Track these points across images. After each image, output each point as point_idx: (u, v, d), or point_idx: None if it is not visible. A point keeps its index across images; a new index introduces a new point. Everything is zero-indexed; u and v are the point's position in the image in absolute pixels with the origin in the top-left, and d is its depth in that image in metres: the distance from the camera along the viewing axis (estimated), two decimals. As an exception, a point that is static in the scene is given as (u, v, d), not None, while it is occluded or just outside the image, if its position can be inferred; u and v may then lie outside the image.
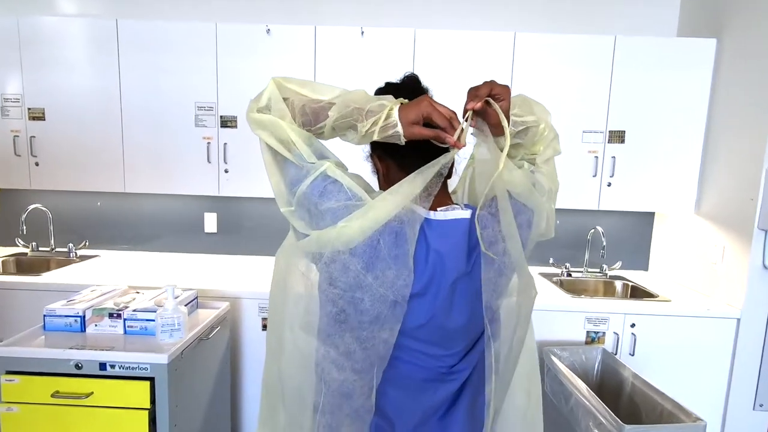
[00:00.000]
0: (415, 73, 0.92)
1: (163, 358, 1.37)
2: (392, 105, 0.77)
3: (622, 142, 2.30)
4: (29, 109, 2.32)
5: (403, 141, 0.77)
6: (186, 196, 2.55)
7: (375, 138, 0.78)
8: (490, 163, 0.83)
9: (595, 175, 2.31)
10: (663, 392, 1.55)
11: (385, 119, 0.76)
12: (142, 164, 2.36)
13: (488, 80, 0.80)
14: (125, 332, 1.55)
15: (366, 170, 0.95)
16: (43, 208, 2.52)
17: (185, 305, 1.72)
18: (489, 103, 0.79)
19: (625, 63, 2.24)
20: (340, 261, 0.77)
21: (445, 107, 0.78)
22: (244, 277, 2.28)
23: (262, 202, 2.62)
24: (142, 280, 2.14)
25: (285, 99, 0.81)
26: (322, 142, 0.86)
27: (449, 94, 0.97)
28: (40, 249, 2.58)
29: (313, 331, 0.85)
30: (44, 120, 2.33)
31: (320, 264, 0.79)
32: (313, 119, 0.81)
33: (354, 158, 0.96)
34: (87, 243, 2.61)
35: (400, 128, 0.76)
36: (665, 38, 2.29)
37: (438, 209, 0.83)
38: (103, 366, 1.37)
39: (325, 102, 0.81)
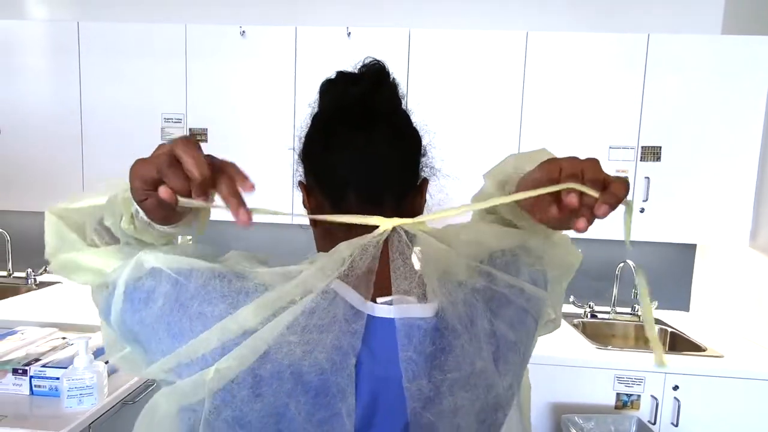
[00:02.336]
0: (381, 61, 0.56)
1: (55, 439, 1.06)
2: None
3: (658, 160, 1.92)
4: (-17, 121, 2.10)
5: (152, 223, 0.45)
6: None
7: (134, 233, 0.48)
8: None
9: (624, 199, 1.93)
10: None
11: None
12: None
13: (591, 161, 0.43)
14: (32, 393, 1.25)
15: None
16: (0, 230, 2.29)
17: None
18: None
19: (660, 66, 1.88)
20: None
21: (196, 155, 0.39)
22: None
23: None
24: (95, 315, 1.86)
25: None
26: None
27: (449, 103, 0.61)
28: (-3, 274, 2.35)
29: None
30: (-1, 133, 2.11)
31: None
32: (108, 235, 0.50)
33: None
34: (47, 268, 2.35)
35: (130, 200, 0.44)
36: (709, 36, 1.92)
37: (378, 299, 0.48)
38: (-20, 446, 1.07)
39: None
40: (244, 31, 1.97)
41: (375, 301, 0.48)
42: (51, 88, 2.08)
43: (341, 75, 0.55)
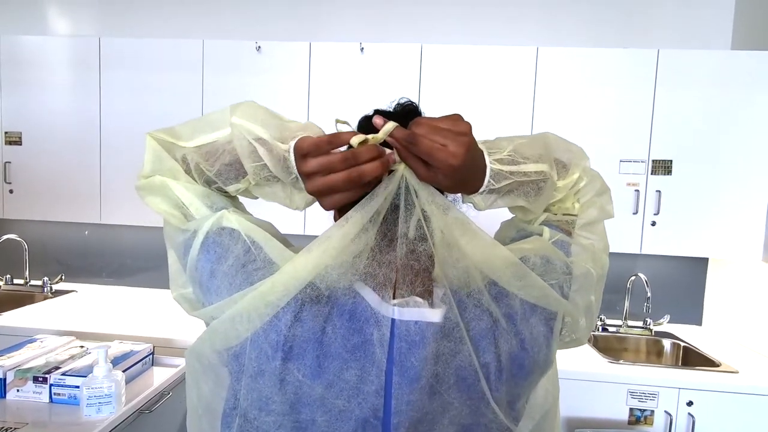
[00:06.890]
0: (412, 100, 0.63)
1: (74, 447, 1.08)
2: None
3: (669, 173, 1.93)
4: (6, 132, 2.16)
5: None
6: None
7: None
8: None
9: (635, 213, 1.94)
10: None
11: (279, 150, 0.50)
12: (121, 193, 2.14)
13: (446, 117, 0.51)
14: (51, 400, 1.27)
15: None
16: (18, 239, 2.33)
17: (135, 364, 1.44)
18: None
19: (670, 81, 1.90)
20: (270, 372, 0.49)
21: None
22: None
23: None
24: (110, 323, 1.88)
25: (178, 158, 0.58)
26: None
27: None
28: (14, 282, 2.39)
29: None
30: (21, 145, 2.17)
31: (243, 379, 0.50)
32: (221, 179, 0.55)
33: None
34: (63, 277, 2.39)
35: (292, 163, 0.49)
36: (719, 51, 1.94)
37: (393, 300, 0.52)
38: (1, 453, 1.09)
39: (220, 147, 0.53)
40: (259, 47, 2.02)
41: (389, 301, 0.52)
42: (72, 101, 2.13)
43: (377, 111, 0.62)
